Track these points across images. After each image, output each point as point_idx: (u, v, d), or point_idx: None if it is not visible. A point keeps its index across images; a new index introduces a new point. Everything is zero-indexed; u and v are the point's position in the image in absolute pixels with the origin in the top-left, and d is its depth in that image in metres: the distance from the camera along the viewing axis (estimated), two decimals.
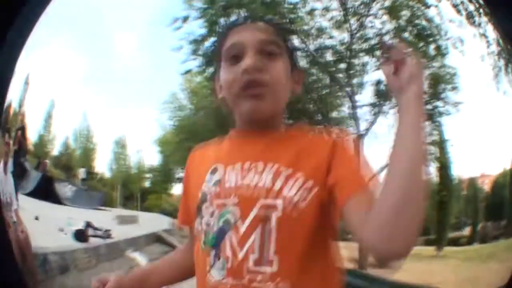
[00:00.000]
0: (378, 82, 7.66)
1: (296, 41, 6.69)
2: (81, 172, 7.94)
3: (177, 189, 9.84)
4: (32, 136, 7.28)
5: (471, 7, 6.57)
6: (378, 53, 7.53)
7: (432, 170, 7.51)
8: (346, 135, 0.74)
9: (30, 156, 7.00)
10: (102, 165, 8.95)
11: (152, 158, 9.60)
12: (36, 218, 5.00)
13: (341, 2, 7.25)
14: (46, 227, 5.10)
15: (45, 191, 6.72)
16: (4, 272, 1.02)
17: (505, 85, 6.36)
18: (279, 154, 0.72)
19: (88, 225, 5.82)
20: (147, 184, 9.60)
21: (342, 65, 7.71)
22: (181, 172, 9.61)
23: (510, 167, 6.76)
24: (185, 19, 7.65)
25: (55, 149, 8.14)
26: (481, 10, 6.45)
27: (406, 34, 7.15)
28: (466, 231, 7.62)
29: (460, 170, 7.57)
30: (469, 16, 6.67)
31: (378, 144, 7.08)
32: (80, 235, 5.49)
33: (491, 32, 6.42)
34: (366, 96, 7.87)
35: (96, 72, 8.07)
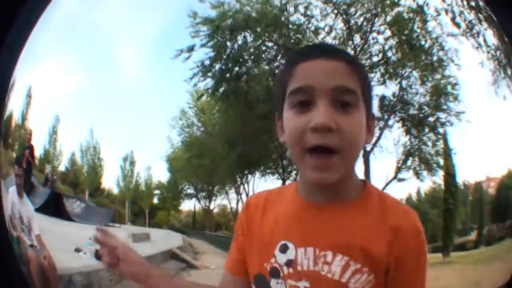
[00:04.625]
0: (382, 97, 7.88)
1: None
2: None
3: (185, 205, 9.76)
4: (38, 151, 7.11)
5: (472, 15, 6.75)
6: (381, 69, 7.78)
7: (439, 179, 7.74)
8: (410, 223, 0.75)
9: (37, 171, 6.83)
10: (110, 181, 8.75)
11: (161, 174, 9.47)
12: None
13: (344, 20, 7.51)
14: (63, 246, 4.95)
15: (54, 208, 6.69)
16: None
17: (505, 90, 6.49)
18: (348, 244, 0.72)
19: None
20: (155, 200, 9.43)
21: None
22: (189, 189, 9.47)
23: None
24: (191, 48, 7.70)
25: (62, 165, 7.97)
26: (480, 16, 6.64)
27: (407, 49, 7.31)
28: (473, 235, 7.68)
29: (466, 176, 7.66)
30: (469, 27, 6.81)
31: (384, 158, 7.74)
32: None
33: (491, 38, 6.59)
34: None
35: (102, 87, 7.99)
